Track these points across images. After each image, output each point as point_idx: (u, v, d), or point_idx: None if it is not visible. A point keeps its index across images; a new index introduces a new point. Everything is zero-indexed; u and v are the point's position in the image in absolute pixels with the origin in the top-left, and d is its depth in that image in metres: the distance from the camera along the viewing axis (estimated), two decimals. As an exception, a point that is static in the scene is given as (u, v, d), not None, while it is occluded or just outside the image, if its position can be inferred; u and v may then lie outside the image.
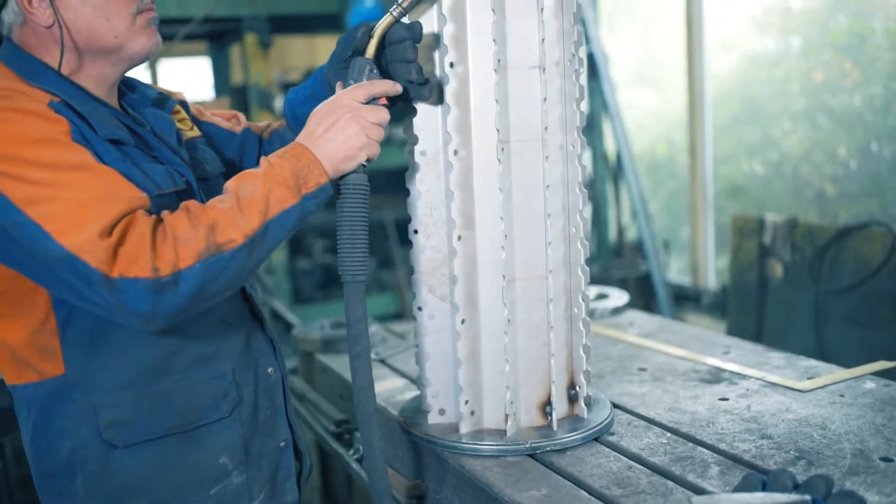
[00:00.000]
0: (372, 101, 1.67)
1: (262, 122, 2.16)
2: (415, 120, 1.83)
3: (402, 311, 5.27)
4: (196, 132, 1.96)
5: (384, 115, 1.67)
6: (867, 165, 4.75)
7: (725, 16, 5.36)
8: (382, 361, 2.55)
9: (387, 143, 5.11)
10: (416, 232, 1.90)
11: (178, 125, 1.89)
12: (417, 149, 1.83)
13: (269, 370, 1.88)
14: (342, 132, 1.62)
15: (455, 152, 1.76)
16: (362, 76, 1.69)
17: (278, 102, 5.09)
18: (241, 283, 1.61)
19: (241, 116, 2.15)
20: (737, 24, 5.41)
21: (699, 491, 1.56)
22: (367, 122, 1.64)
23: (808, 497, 1.36)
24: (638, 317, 3.00)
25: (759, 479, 1.50)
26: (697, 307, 5.20)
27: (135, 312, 1.47)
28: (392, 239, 5.37)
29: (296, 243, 5.32)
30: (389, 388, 2.29)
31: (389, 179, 4.85)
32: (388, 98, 1.72)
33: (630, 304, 3.11)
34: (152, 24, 1.71)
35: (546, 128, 1.77)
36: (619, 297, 3.09)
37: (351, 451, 2.25)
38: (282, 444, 1.87)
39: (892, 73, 4.69)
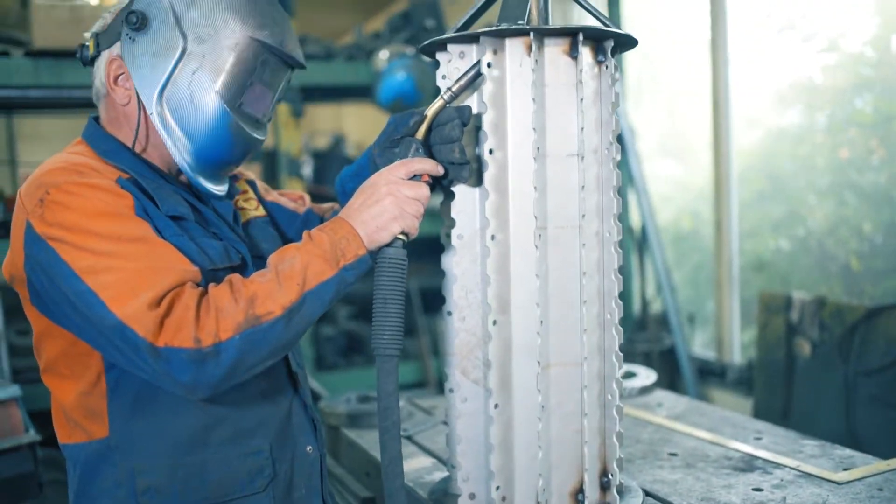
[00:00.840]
0: (414, 178, 1.71)
1: (325, 205, 2.25)
2: (453, 203, 1.85)
3: (425, 380, 5.25)
4: (260, 211, 2.06)
5: (423, 190, 1.72)
6: (893, 242, 4.73)
7: (750, 91, 5.41)
8: (409, 438, 2.54)
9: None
10: (449, 313, 1.91)
11: (244, 204, 1.98)
12: (455, 232, 1.85)
13: (308, 448, 1.90)
14: (377, 204, 1.68)
15: (492, 237, 1.77)
16: (407, 154, 1.76)
17: (306, 169, 5.16)
18: (282, 353, 1.64)
19: (307, 198, 2.24)
20: (761, 99, 5.46)
21: (737, 590, 1.52)
22: (402, 195, 1.69)
23: None
24: (666, 397, 2.96)
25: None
26: (722, 383, 5.13)
27: (179, 381, 1.54)
28: (416, 307, 5.37)
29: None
30: (417, 468, 2.26)
31: (414, 248, 4.87)
32: (432, 178, 1.76)
33: (657, 382, 3.08)
34: None
35: (583, 215, 1.78)
36: (647, 375, 3.06)
37: (377, 531, 2.22)
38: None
39: (920, 152, 4.70)
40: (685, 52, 5.94)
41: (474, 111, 1.80)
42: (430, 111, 1.79)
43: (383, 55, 4.94)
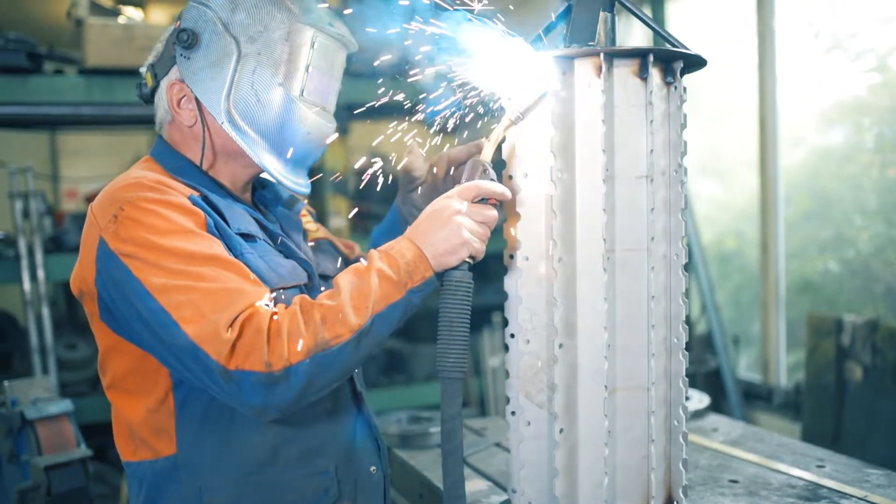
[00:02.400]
0: (481, 200, 1.70)
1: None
2: (518, 225, 1.83)
3: (466, 400, 5.22)
4: (323, 233, 2.09)
5: (490, 213, 1.70)
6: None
7: (795, 110, 5.35)
8: (463, 460, 2.51)
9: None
10: (512, 336, 1.89)
11: (307, 225, 1.96)
12: (520, 254, 1.83)
13: (372, 469, 1.90)
14: (445, 227, 1.66)
15: (559, 259, 1.75)
16: (475, 176, 1.74)
17: (351, 187, 5.17)
18: (350, 373, 1.65)
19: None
20: (806, 118, 5.40)
21: None
22: (470, 219, 1.67)
23: None
24: (720, 421, 2.92)
25: None
26: (769, 406, 5.05)
27: (249, 404, 1.55)
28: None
29: (362, 326, 5.33)
30: (473, 491, 2.24)
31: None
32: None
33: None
34: None
35: (652, 238, 1.76)
36: (699, 399, 3.02)
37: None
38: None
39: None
40: (727, 71, 5.90)
41: (541, 133, 1.79)
42: (498, 131, 1.78)
43: (429, 71, 4.94)
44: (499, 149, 1.82)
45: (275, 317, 1.56)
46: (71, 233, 4.56)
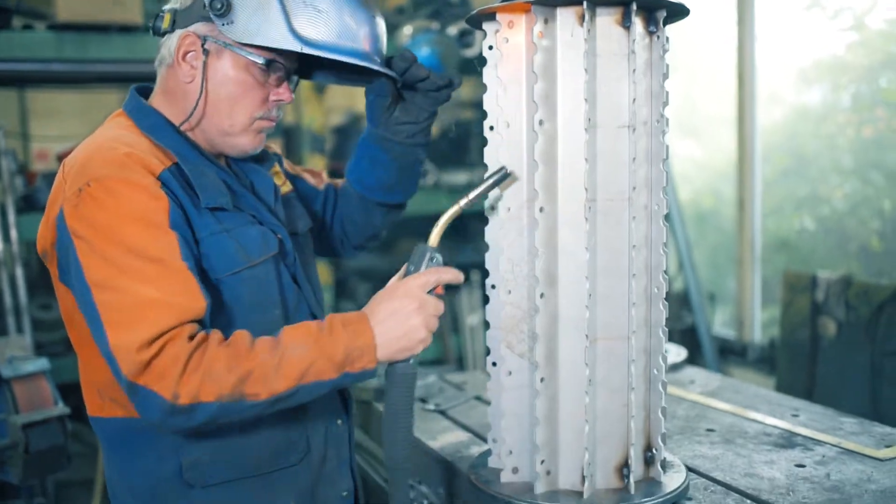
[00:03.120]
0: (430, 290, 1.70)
1: (339, 180, 2.25)
2: (499, 175, 1.83)
3: (445, 358, 5.24)
4: (289, 187, 2.05)
5: (442, 307, 1.71)
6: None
7: (773, 69, 5.36)
8: (443, 413, 2.53)
9: (433, 188, 5.12)
10: (493, 287, 1.89)
11: (274, 180, 1.93)
12: (502, 204, 1.83)
13: (339, 421, 1.91)
14: (406, 322, 1.65)
15: (541, 209, 1.75)
16: (422, 264, 1.73)
17: (328, 145, 5.14)
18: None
19: (324, 174, 2.25)
20: (784, 77, 5.41)
21: (790, 565, 1.51)
22: (429, 314, 1.67)
23: (914, 579, 1.31)
24: (698, 374, 2.95)
25: (856, 556, 1.45)
26: (743, 361, 5.12)
27: (147, 418, 1.57)
28: (436, 284, 5.35)
29: (340, 285, 5.33)
30: (454, 442, 2.26)
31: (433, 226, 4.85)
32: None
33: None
34: (264, 131, 1.83)
35: (634, 187, 1.76)
36: (677, 353, 3.05)
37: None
38: (344, 493, 1.91)
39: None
40: (706, 28, 5.89)
41: (524, 81, 1.78)
42: (444, 219, 1.77)
43: (407, 30, 4.90)
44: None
45: (200, 347, 1.54)
46: (43, 192, 4.51)
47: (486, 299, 1.91)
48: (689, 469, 1.98)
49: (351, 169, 2.15)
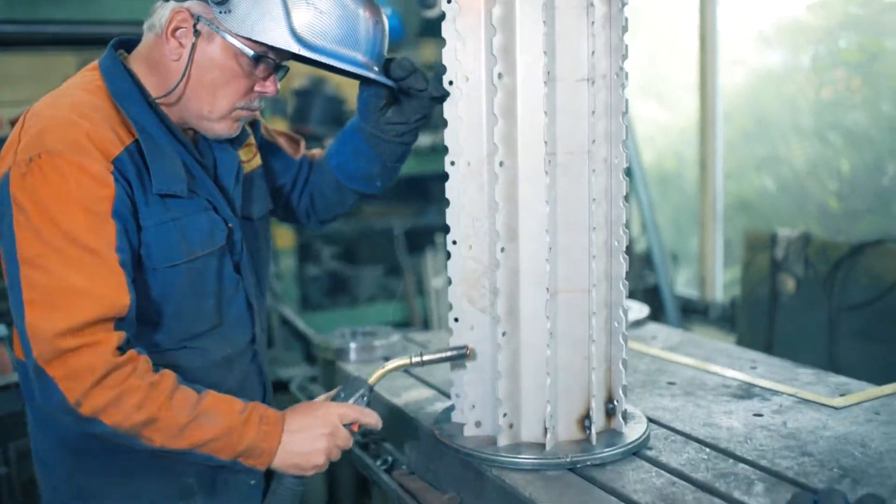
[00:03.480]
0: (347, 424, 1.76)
1: (315, 151, 2.23)
2: (459, 131, 1.82)
3: (411, 321, 5.25)
4: (257, 161, 2.02)
5: (350, 443, 1.77)
6: (873, 182, 4.77)
7: (735, 31, 5.38)
8: (407, 371, 2.54)
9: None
10: (454, 243, 1.89)
11: (243, 156, 1.93)
12: (462, 160, 1.82)
13: None
14: (311, 443, 1.70)
15: (500, 163, 1.75)
16: (352, 397, 1.80)
17: (290, 108, 5.08)
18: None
19: (303, 144, 2.22)
20: (746, 39, 5.44)
21: (746, 509, 1.54)
22: (335, 444, 1.73)
23: (865, 517, 1.35)
24: (660, 330, 2.99)
25: (810, 497, 1.49)
26: (705, 320, 5.20)
27: (43, 404, 1.59)
28: (400, 248, 5.36)
29: (304, 249, 5.31)
30: (418, 399, 2.27)
31: (398, 189, 4.84)
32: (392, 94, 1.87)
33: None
34: (241, 120, 1.81)
35: (593, 141, 1.76)
36: (639, 309, 3.08)
37: (378, 462, 2.23)
38: (252, 482, 1.90)
39: (903, 91, 4.72)
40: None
41: (483, 34, 1.77)
42: (391, 365, 1.84)
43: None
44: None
45: (122, 368, 1.54)
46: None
47: (448, 280, 1.92)
48: (650, 420, 2.01)
49: (333, 154, 2.13)
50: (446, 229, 1.90)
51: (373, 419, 1.79)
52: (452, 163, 1.86)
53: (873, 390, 2.18)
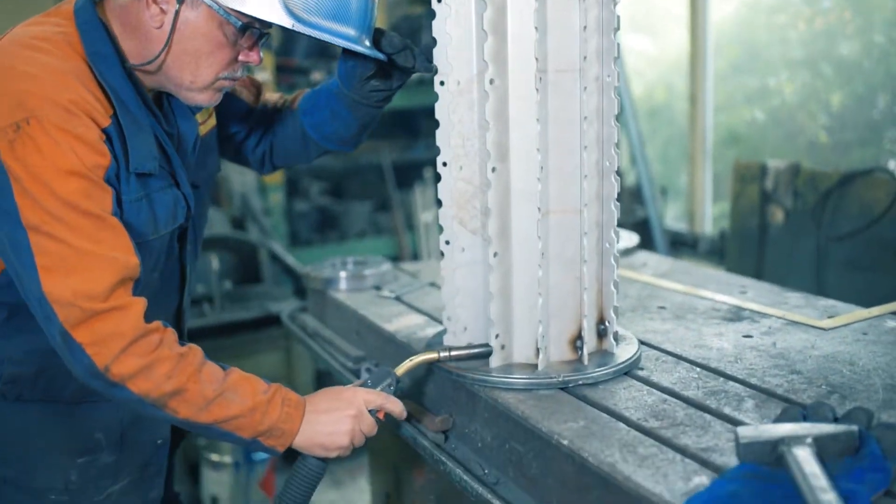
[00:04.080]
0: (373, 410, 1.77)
1: (275, 95, 2.18)
2: (448, 49, 1.79)
3: (399, 255, 5.25)
4: (212, 122, 1.98)
5: (375, 430, 1.76)
6: (864, 115, 4.75)
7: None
8: (398, 298, 2.54)
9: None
10: (445, 164, 1.87)
11: (199, 118, 1.89)
12: (451, 78, 1.79)
13: None
14: (337, 424, 1.70)
15: (491, 81, 1.72)
16: (380, 384, 1.81)
17: (275, 42, 4.99)
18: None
19: (262, 88, 2.17)
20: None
21: (736, 423, 1.55)
22: (359, 429, 1.73)
23: (854, 427, 1.36)
24: (650, 258, 2.99)
25: (799, 411, 1.50)
26: (694, 253, 5.21)
27: (71, 368, 1.57)
28: (389, 182, 5.33)
29: (293, 185, 5.27)
30: (409, 325, 2.27)
31: (387, 122, 4.79)
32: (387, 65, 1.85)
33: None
34: (223, 90, 1.76)
35: (585, 57, 1.73)
36: (629, 238, 3.08)
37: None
38: (159, 441, 1.91)
39: (893, 22, 4.67)
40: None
41: None
42: (419, 358, 1.85)
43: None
44: None
45: (152, 336, 1.55)
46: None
47: (439, 203, 1.90)
48: (641, 342, 2.02)
49: (306, 111, 2.08)
50: (435, 164, 1.88)
51: (398, 408, 1.80)
52: (442, 82, 1.83)
53: (861, 312, 2.19)
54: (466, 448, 1.85)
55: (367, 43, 1.77)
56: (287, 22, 1.61)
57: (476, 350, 1.85)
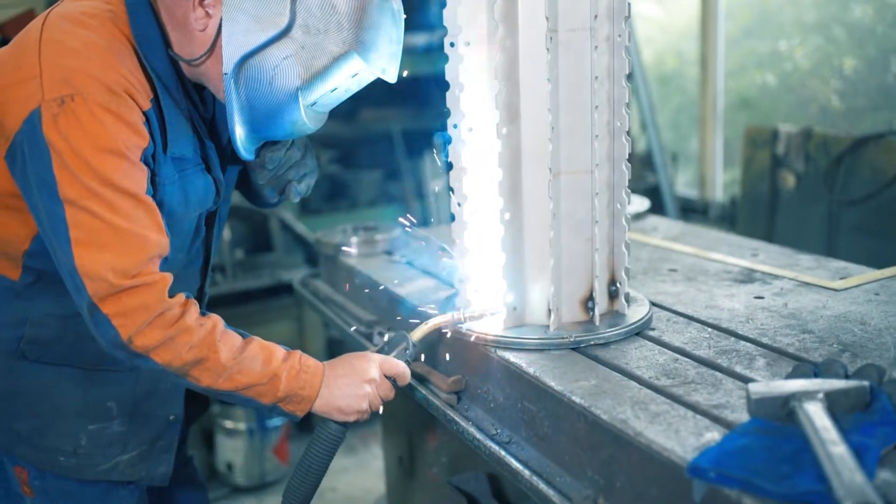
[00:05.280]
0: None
1: None
2: (458, 10, 1.78)
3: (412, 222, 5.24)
4: None
5: (392, 393, 1.81)
6: (877, 79, 4.70)
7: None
8: (409, 263, 2.55)
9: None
10: (455, 126, 1.87)
11: None
12: (461, 38, 1.78)
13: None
14: (355, 388, 1.75)
15: (501, 42, 1.71)
16: (395, 350, 1.83)
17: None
18: None
19: None
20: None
21: (748, 381, 1.56)
22: (376, 394, 1.78)
23: (865, 383, 1.37)
24: (660, 222, 2.99)
25: (811, 368, 1.51)
26: (705, 219, 5.18)
27: (95, 336, 1.62)
28: (399, 151, 5.31)
29: (302, 154, 5.27)
30: (421, 288, 2.28)
31: (396, 91, 4.77)
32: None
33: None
34: None
35: (596, 16, 1.72)
36: (640, 202, 3.07)
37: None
38: (171, 417, 1.94)
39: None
40: None
41: None
42: (433, 322, 1.87)
43: None
44: None
45: (173, 310, 1.60)
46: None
47: (449, 166, 1.91)
48: (653, 304, 2.02)
49: None
50: (445, 131, 1.88)
51: (408, 376, 1.84)
52: (452, 44, 1.82)
53: (873, 273, 2.19)
54: (479, 408, 1.86)
55: (245, 145, 1.77)
56: (226, 69, 1.65)
57: (489, 313, 1.86)
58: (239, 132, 1.73)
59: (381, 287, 2.31)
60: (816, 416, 1.29)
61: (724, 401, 1.49)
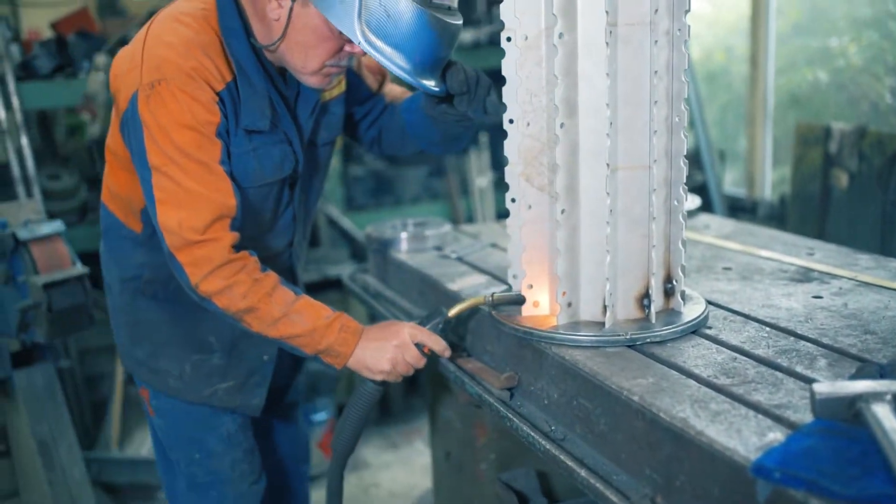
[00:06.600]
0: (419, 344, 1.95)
1: (397, 89, 2.35)
2: (516, 4, 1.77)
3: (454, 220, 5.24)
4: (341, 88, 2.19)
5: (420, 361, 1.96)
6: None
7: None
8: (460, 259, 2.54)
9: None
10: (511, 121, 1.87)
11: (327, 90, 2.11)
12: (518, 33, 1.78)
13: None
14: (380, 352, 1.93)
15: (560, 36, 1.70)
16: (429, 323, 1.96)
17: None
18: None
19: (388, 76, 2.35)
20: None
21: (810, 381, 1.53)
22: (402, 358, 1.93)
23: (934, 384, 1.33)
24: (712, 220, 2.96)
25: (877, 368, 1.47)
26: (754, 218, 5.11)
27: (177, 278, 1.91)
28: (443, 147, 5.31)
29: (348, 149, 5.29)
30: (473, 284, 2.28)
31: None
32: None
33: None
34: (332, 76, 1.97)
35: (656, 10, 1.70)
36: (691, 200, 3.03)
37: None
38: (265, 357, 2.20)
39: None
40: None
41: None
42: (468, 302, 1.96)
43: None
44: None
45: (237, 261, 1.84)
46: (41, 58, 4.40)
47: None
48: (708, 302, 2.00)
49: (405, 108, 2.24)
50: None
51: (439, 346, 1.96)
52: (509, 38, 1.82)
53: (936, 273, 2.14)
54: (532, 405, 1.85)
55: (426, 80, 1.90)
56: (356, 37, 1.78)
57: (515, 298, 1.91)
58: (406, 69, 1.83)
59: (433, 282, 2.31)
60: (885, 417, 1.26)
61: (785, 401, 1.46)
